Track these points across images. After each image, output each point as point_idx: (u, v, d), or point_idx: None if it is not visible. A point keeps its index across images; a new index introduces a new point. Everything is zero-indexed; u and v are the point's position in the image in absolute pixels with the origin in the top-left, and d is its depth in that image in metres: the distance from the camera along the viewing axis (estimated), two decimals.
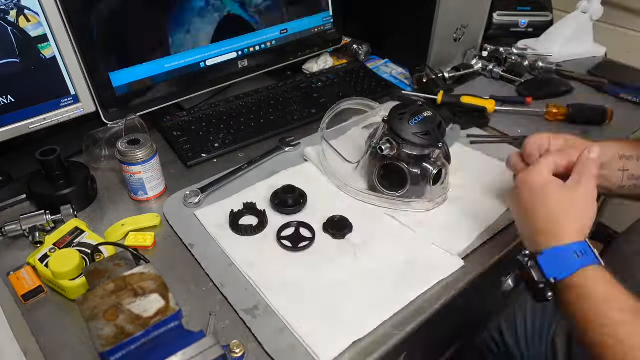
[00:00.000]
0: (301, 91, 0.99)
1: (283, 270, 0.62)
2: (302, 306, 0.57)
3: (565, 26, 1.18)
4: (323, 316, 0.56)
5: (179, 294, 0.59)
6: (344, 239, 0.67)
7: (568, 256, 0.49)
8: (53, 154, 0.69)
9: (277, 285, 0.60)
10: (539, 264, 0.50)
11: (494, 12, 1.20)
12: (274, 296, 0.58)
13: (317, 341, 0.53)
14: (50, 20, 0.69)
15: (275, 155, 0.84)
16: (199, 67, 0.90)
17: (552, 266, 0.50)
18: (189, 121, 0.89)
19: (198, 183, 0.76)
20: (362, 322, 0.55)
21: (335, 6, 1.05)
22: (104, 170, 0.80)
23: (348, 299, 0.58)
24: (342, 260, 0.64)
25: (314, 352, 0.52)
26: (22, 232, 0.66)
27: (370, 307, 0.57)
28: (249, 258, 0.64)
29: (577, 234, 0.51)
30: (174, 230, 0.69)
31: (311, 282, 0.60)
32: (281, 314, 0.56)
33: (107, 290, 0.45)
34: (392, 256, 0.64)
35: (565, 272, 0.49)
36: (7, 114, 0.70)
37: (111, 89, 0.80)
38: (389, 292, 0.59)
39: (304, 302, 0.58)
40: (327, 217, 0.69)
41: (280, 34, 0.99)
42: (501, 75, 1.08)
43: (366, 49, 1.14)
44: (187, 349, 0.41)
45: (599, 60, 1.19)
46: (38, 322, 0.57)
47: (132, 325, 0.42)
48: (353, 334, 0.54)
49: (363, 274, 0.62)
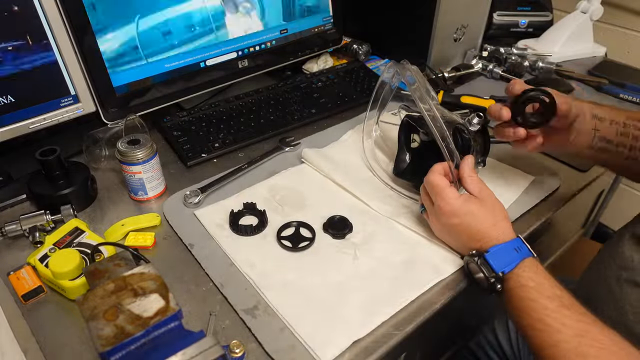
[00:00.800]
0: (301, 91, 0.99)
1: (283, 270, 0.62)
2: (302, 306, 0.57)
3: (565, 26, 1.19)
4: (323, 316, 0.56)
5: (179, 294, 0.59)
6: (344, 239, 0.67)
7: (510, 251, 0.56)
8: (53, 154, 0.69)
9: (277, 285, 0.60)
10: (487, 261, 0.56)
11: (494, 12, 1.21)
12: (274, 296, 0.58)
13: (317, 341, 0.53)
14: (50, 20, 0.69)
15: (275, 155, 0.84)
16: (199, 67, 0.90)
17: (498, 261, 0.56)
18: (189, 121, 0.89)
19: (198, 183, 0.76)
20: (362, 322, 0.56)
21: (335, 6, 1.05)
22: (104, 170, 0.80)
23: (348, 299, 0.58)
24: (342, 261, 0.64)
25: (315, 353, 0.52)
26: (22, 232, 0.66)
27: (370, 307, 0.57)
28: (249, 258, 0.64)
29: (509, 233, 0.59)
30: (174, 230, 0.69)
31: (311, 282, 0.60)
32: (281, 314, 0.56)
33: (107, 290, 0.45)
34: (392, 256, 0.64)
35: (510, 265, 0.55)
36: (7, 114, 0.70)
37: (111, 89, 0.80)
38: (389, 292, 0.59)
39: (304, 302, 0.58)
40: (327, 217, 0.69)
41: (280, 34, 0.99)
42: (501, 75, 1.09)
43: (366, 49, 1.14)
44: (187, 349, 0.41)
45: (599, 60, 1.19)
46: (38, 322, 0.57)
47: (132, 325, 0.42)
48: (353, 334, 0.54)
49: (363, 274, 0.62)
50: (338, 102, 0.97)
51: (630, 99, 1.01)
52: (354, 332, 0.54)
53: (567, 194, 0.76)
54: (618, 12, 1.36)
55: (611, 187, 1.37)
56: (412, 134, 0.76)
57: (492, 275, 0.56)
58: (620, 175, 0.70)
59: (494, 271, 0.56)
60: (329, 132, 0.90)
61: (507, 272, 0.55)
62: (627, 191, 1.53)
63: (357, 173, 0.78)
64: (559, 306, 0.51)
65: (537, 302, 0.52)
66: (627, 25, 1.37)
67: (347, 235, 0.67)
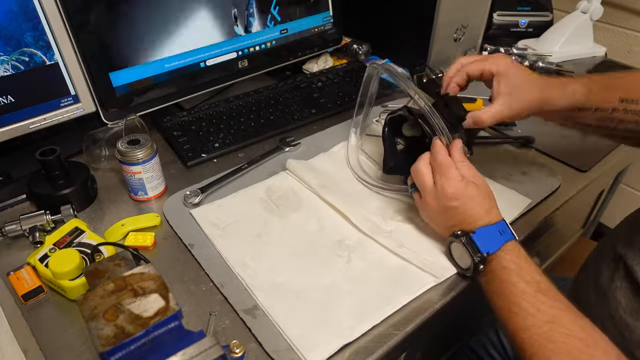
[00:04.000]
0: (301, 91, 0.99)
1: (275, 271, 0.62)
2: (292, 308, 0.57)
3: (565, 26, 1.19)
4: (314, 319, 0.56)
5: (179, 294, 0.59)
6: (338, 241, 0.67)
7: (495, 233, 0.57)
8: (53, 154, 0.69)
9: (269, 286, 0.59)
10: (473, 241, 0.57)
11: (494, 12, 1.21)
12: (264, 297, 0.58)
13: (306, 344, 0.53)
14: (50, 20, 0.69)
15: (275, 155, 0.84)
16: (199, 67, 0.90)
17: (484, 242, 0.57)
18: (189, 121, 0.89)
19: (198, 183, 0.76)
20: (353, 325, 0.55)
21: (335, 6, 1.05)
22: (104, 170, 0.80)
23: (341, 301, 0.58)
24: (335, 263, 0.63)
25: (302, 355, 0.52)
26: (22, 232, 0.66)
27: (363, 311, 0.57)
28: (242, 258, 0.63)
29: (496, 215, 0.60)
30: (174, 230, 0.69)
31: (303, 284, 0.60)
32: (271, 315, 0.56)
33: (107, 290, 0.45)
34: (386, 260, 0.64)
35: (494, 246, 0.56)
36: (7, 114, 0.70)
37: (111, 89, 0.80)
38: (381, 296, 0.59)
39: (295, 304, 0.57)
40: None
41: (280, 34, 0.99)
42: None
43: (366, 49, 1.14)
44: (187, 349, 0.41)
45: (599, 60, 1.19)
46: (38, 322, 0.57)
47: (132, 325, 0.42)
48: (343, 338, 0.54)
49: (356, 277, 0.61)
50: (338, 102, 0.97)
51: None
52: (344, 335, 0.54)
53: (567, 194, 0.76)
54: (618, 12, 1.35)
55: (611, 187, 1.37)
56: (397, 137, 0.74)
57: (478, 256, 0.56)
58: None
59: (479, 251, 0.56)
60: (329, 132, 0.90)
61: (491, 254, 0.56)
62: (627, 191, 1.53)
63: (342, 186, 0.76)
64: (536, 291, 0.52)
65: (516, 286, 0.53)
66: (627, 25, 1.37)
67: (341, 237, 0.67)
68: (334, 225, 0.69)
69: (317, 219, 0.70)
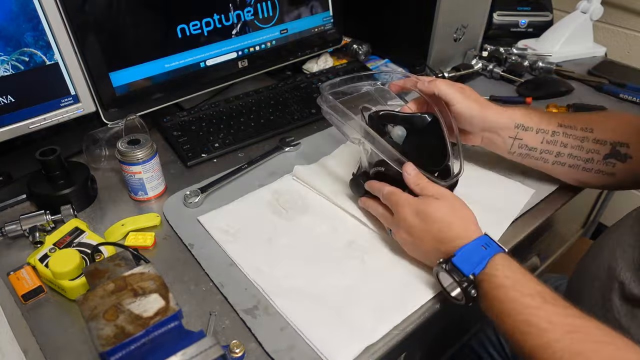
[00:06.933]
0: (301, 91, 0.99)
1: (291, 276, 0.61)
2: (313, 313, 0.56)
3: (565, 26, 1.19)
4: (334, 322, 0.55)
5: (179, 294, 0.59)
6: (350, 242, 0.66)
7: (477, 250, 0.52)
8: (53, 154, 0.69)
9: (286, 291, 0.59)
10: (456, 266, 0.52)
11: (494, 12, 1.21)
12: (282, 302, 0.57)
13: (330, 349, 0.52)
14: (50, 20, 0.69)
15: (275, 155, 0.84)
16: (199, 67, 0.90)
17: (467, 263, 0.52)
18: (189, 121, 0.89)
19: (198, 183, 0.76)
20: (374, 326, 0.55)
21: (335, 6, 1.05)
22: (104, 170, 0.80)
23: (359, 303, 0.57)
24: (350, 264, 0.63)
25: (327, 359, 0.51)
26: (22, 232, 0.66)
27: (380, 312, 0.56)
28: (255, 264, 0.63)
29: (475, 230, 0.55)
30: (174, 230, 0.69)
31: (321, 288, 0.59)
32: (291, 321, 0.55)
33: (107, 290, 0.45)
34: (400, 259, 0.63)
35: (479, 265, 0.51)
36: (7, 114, 0.70)
37: (111, 89, 0.80)
38: (398, 295, 0.58)
39: (315, 308, 0.57)
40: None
41: (280, 34, 0.99)
42: (501, 75, 1.09)
43: (366, 49, 1.14)
44: (187, 349, 0.41)
45: (599, 60, 1.19)
46: (38, 322, 0.57)
47: (132, 325, 0.42)
48: (365, 339, 0.53)
49: (373, 277, 0.61)
50: None
51: (630, 99, 1.01)
52: (366, 337, 0.53)
53: (567, 194, 0.76)
54: (618, 12, 1.36)
55: None
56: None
57: (464, 280, 0.51)
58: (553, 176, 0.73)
59: (464, 275, 0.51)
60: (329, 133, 0.90)
61: (479, 273, 0.51)
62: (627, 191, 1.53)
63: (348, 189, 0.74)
64: (542, 303, 0.47)
65: (517, 302, 0.48)
66: (627, 25, 1.37)
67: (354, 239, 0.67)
68: (344, 227, 0.69)
69: (327, 221, 0.69)
